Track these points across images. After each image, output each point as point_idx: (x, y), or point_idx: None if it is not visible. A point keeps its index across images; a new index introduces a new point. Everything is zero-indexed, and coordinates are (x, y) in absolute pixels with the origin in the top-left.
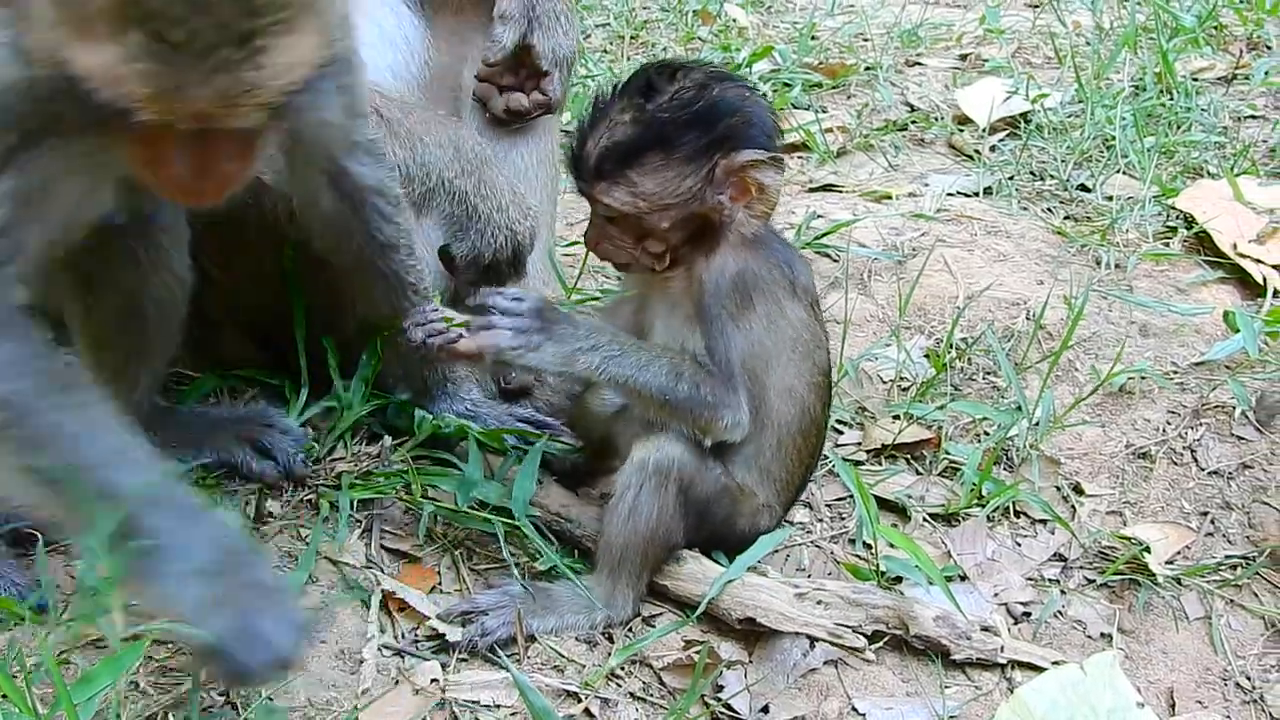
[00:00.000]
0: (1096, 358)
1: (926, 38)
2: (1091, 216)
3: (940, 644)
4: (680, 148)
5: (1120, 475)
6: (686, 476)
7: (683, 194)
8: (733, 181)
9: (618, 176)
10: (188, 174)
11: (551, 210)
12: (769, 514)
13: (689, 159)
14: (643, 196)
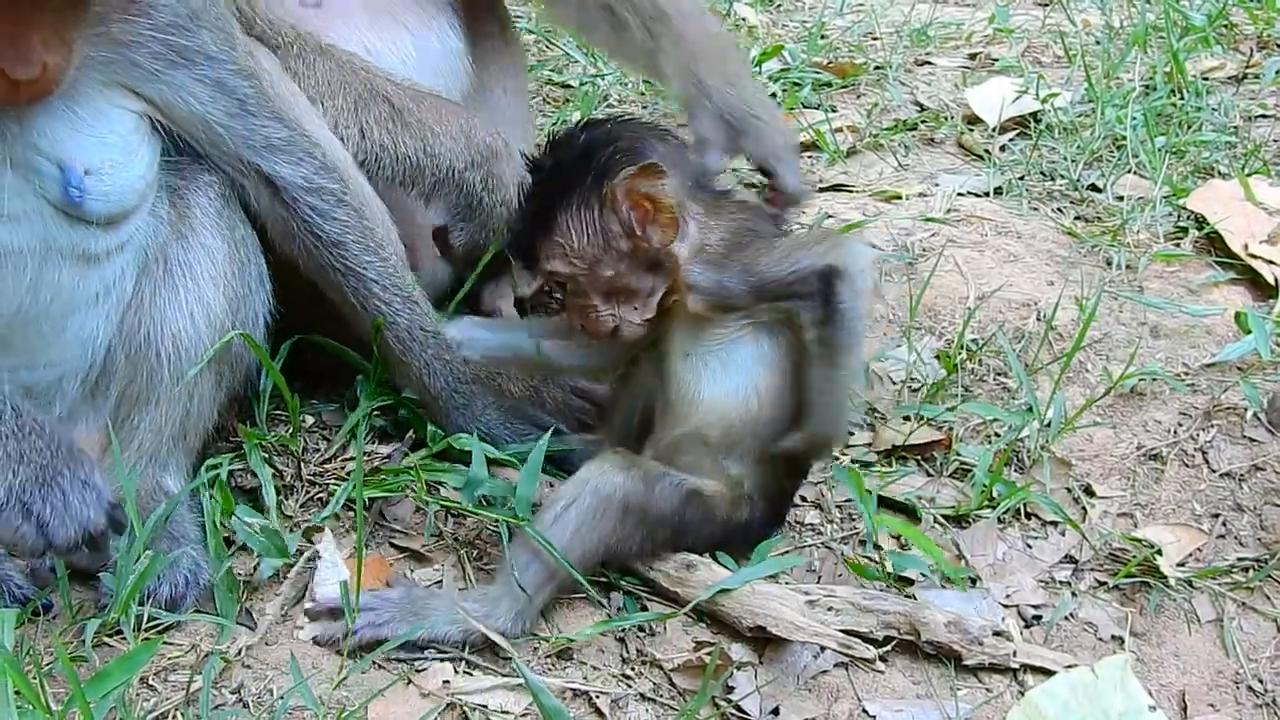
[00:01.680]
0: (1108, 359)
1: (936, 37)
2: (1102, 217)
3: (952, 649)
4: (574, 198)
5: (1131, 477)
6: (635, 504)
7: (603, 237)
8: (628, 206)
9: (547, 246)
10: (11, 55)
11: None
12: (750, 505)
13: (586, 204)
14: (575, 254)
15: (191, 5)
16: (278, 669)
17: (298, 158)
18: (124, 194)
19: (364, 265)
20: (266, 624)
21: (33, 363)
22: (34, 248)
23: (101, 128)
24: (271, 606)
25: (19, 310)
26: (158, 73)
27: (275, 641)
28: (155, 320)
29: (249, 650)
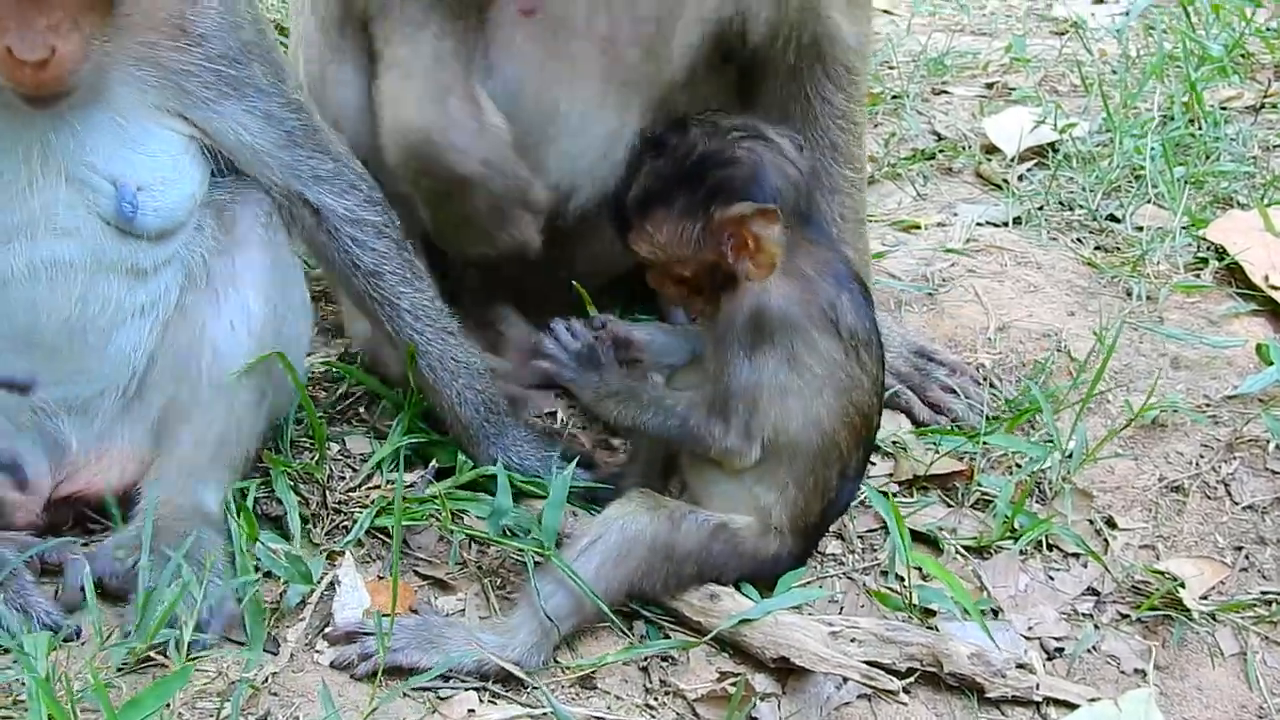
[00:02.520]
0: (1128, 390)
1: (953, 66)
2: (1121, 247)
3: (975, 681)
4: (676, 202)
5: (1153, 509)
6: (661, 543)
7: (690, 245)
8: (730, 234)
9: (638, 228)
10: (16, 33)
11: None
12: (778, 537)
13: (686, 213)
14: (659, 246)
15: (243, 38)
16: (304, 696)
17: (342, 190)
18: (175, 210)
19: (398, 295)
20: (292, 651)
21: (75, 376)
22: (85, 261)
23: (153, 146)
24: (296, 633)
25: (67, 321)
26: (208, 102)
27: (301, 669)
28: (196, 330)
29: (275, 678)
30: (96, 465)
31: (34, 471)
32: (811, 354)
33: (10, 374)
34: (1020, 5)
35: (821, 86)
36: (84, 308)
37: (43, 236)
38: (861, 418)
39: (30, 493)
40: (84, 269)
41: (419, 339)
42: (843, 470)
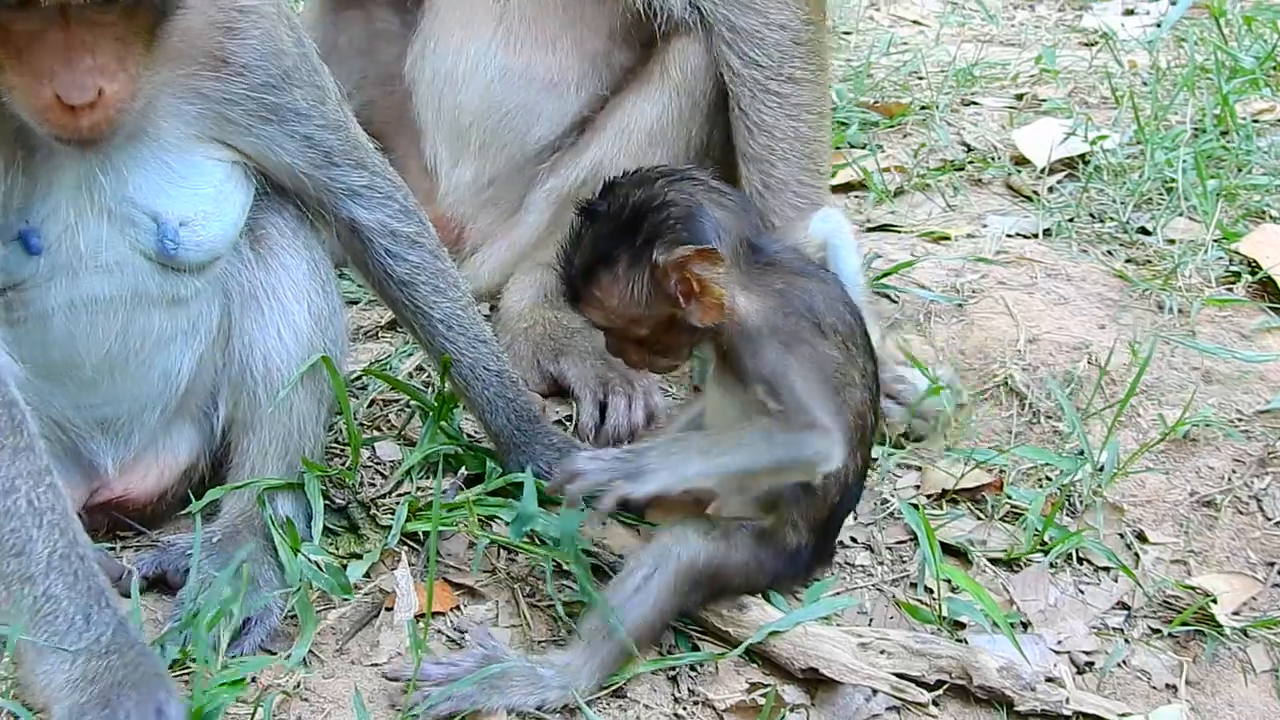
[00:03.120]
0: (1160, 404)
1: (982, 77)
2: (1153, 260)
3: (1005, 695)
4: (618, 260)
5: (1185, 524)
6: (714, 564)
7: (641, 301)
8: (676, 281)
9: (588, 297)
10: (61, 70)
11: None
12: (797, 533)
13: (630, 268)
14: (612, 311)
15: (285, 65)
16: (335, 703)
17: (376, 201)
18: (216, 242)
19: (431, 305)
20: (324, 657)
21: (115, 399)
22: (125, 296)
23: (196, 179)
24: (330, 641)
25: (107, 355)
26: (250, 127)
27: (332, 675)
28: (246, 345)
29: (307, 683)
30: (132, 474)
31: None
32: (817, 355)
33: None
34: (1049, 16)
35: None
36: (124, 340)
37: (84, 274)
38: (856, 416)
39: None
40: (124, 304)
41: (450, 347)
42: (845, 473)
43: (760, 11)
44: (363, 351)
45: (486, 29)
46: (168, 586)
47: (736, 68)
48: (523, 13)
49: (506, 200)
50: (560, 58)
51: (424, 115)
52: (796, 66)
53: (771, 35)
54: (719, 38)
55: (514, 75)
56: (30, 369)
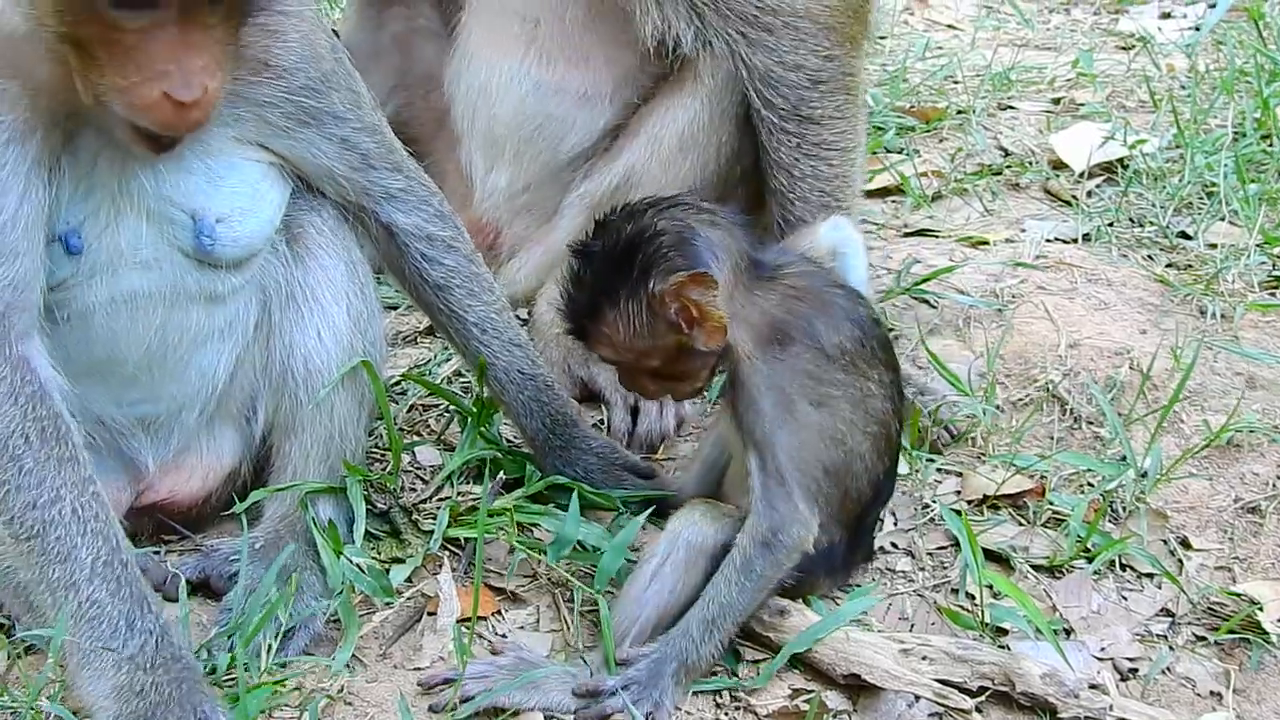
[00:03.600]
0: (1203, 409)
1: (1018, 81)
2: (1194, 265)
3: (1048, 702)
4: (618, 295)
5: (1229, 530)
6: (723, 548)
7: (645, 333)
8: (675, 309)
9: (595, 334)
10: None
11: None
12: (826, 534)
13: (629, 300)
14: (621, 345)
15: (323, 69)
16: (379, 706)
17: (413, 205)
18: (253, 239)
19: (465, 308)
20: (367, 662)
21: (155, 397)
22: (164, 292)
23: (232, 178)
24: (373, 645)
25: (147, 351)
26: (288, 130)
27: (376, 679)
28: (286, 346)
29: (351, 687)
30: (176, 476)
31: (111, 486)
32: (824, 385)
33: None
34: (1085, 20)
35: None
36: (163, 336)
37: (124, 271)
38: (879, 425)
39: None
40: (163, 300)
41: (485, 351)
42: (874, 481)
43: (774, 50)
44: (402, 357)
45: (519, 47)
46: (211, 591)
47: (756, 105)
48: (553, 34)
49: (541, 206)
50: (593, 73)
51: (460, 124)
52: (815, 106)
53: (787, 76)
54: (740, 69)
55: (547, 89)
56: (73, 367)
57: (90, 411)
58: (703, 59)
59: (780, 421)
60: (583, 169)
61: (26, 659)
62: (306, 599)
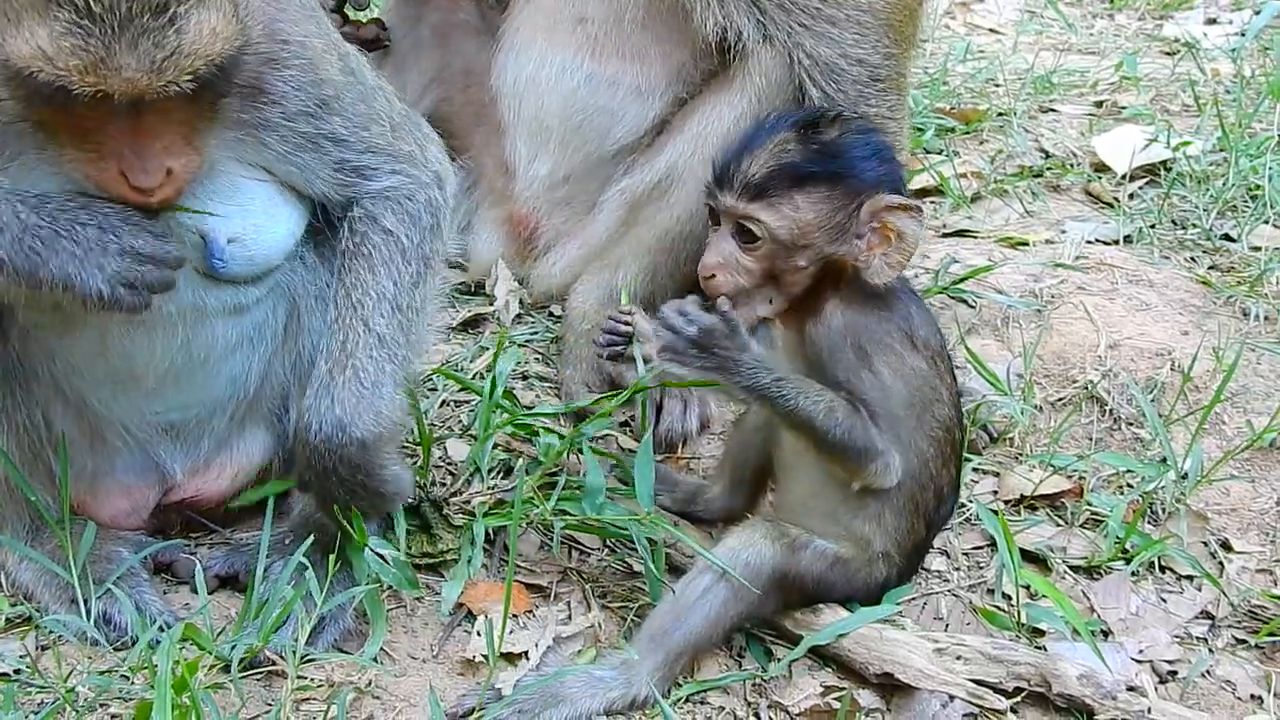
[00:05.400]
0: (1245, 411)
1: (1060, 84)
2: (1237, 267)
3: (1084, 703)
4: (843, 182)
5: (1271, 533)
6: (780, 572)
7: (832, 230)
8: (874, 226)
9: (782, 198)
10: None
11: None
12: (886, 562)
13: (846, 195)
14: (798, 224)
15: (323, 94)
16: (407, 700)
17: (389, 203)
18: (269, 255)
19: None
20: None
21: (183, 406)
22: (184, 311)
23: (242, 198)
24: (401, 639)
25: (170, 367)
26: (286, 155)
27: (404, 673)
28: (314, 346)
29: (379, 681)
30: (205, 476)
31: (137, 485)
32: (905, 369)
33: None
34: (1129, 25)
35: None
36: (188, 352)
37: None
38: (944, 431)
39: (135, 501)
40: (183, 319)
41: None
42: (938, 490)
43: (838, 42)
44: (434, 353)
45: (573, 41)
46: (240, 585)
47: (814, 96)
48: (609, 28)
49: (581, 200)
50: (648, 67)
51: (507, 115)
52: (872, 104)
53: (850, 70)
54: (798, 64)
55: (600, 81)
56: (93, 377)
57: (114, 416)
58: (756, 56)
59: (860, 369)
60: (625, 163)
61: (57, 648)
62: (333, 592)
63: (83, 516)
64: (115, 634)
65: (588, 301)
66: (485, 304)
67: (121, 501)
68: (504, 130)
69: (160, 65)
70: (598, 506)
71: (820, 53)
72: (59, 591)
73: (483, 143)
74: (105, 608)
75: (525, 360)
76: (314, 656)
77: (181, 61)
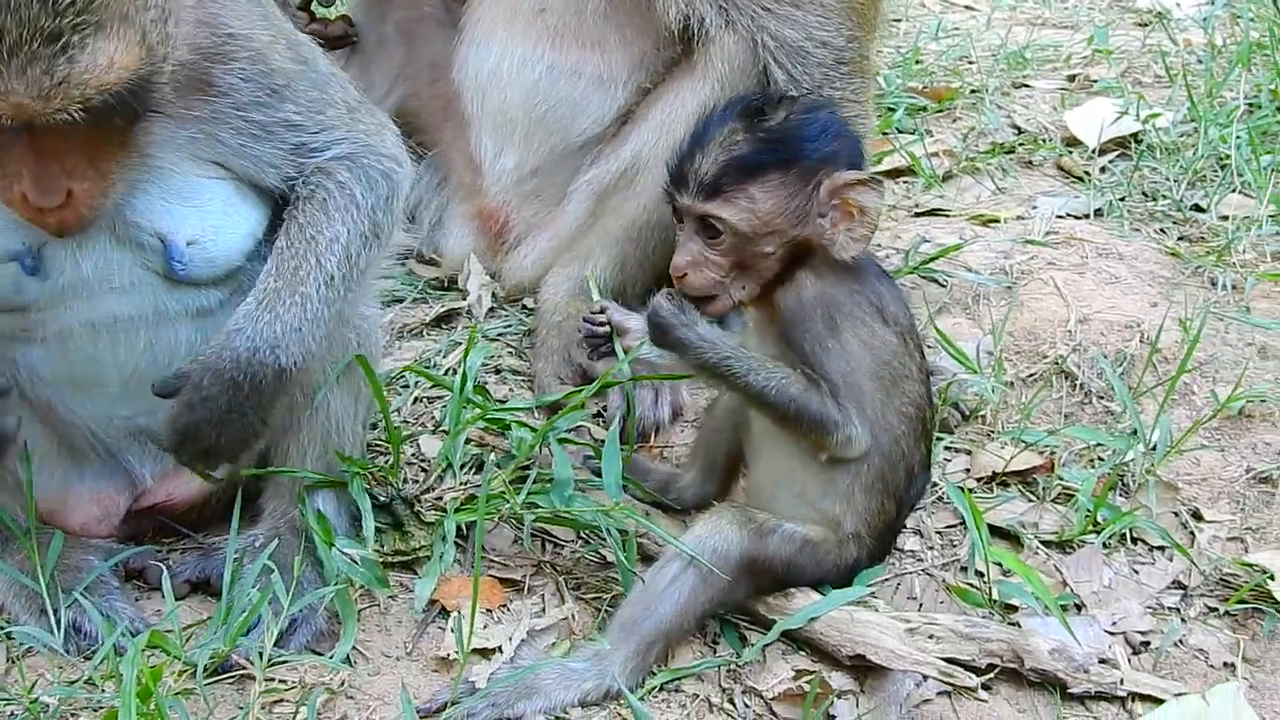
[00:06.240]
0: (1214, 381)
1: (1033, 59)
2: (1206, 237)
3: (1057, 677)
4: (796, 165)
5: (1241, 501)
6: (749, 557)
7: (792, 214)
8: (834, 204)
9: (738, 192)
10: (28, 176)
11: None
12: (857, 543)
13: (801, 177)
14: (757, 214)
15: (274, 84)
16: (381, 699)
17: (345, 167)
18: (230, 256)
19: (317, 233)
20: (368, 655)
21: (150, 410)
22: (146, 315)
23: (201, 198)
24: (375, 639)
25: (134, 371)
26: (242, 147)
27: (378, 673)
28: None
29: (351, 681)
30: (175, 481)
31: (106, 491)
32: (874, 341)
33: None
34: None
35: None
36: (152, 355)
37: (100, 296)
38: (915, 409)
39: (106, 508)
40: (146, 322)
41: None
42: (909, 468)
43: (803, 25)
44: (407, 350)
45: (533, 32)
46: (212, 590)
47: (779, 79)
48: (569, 18)
49: (550, 192)
50: (609, 56)
51: (471, 108)
52: (837, 86)
53: (815, 52)
54: (762, 48)
55: (562, 72)
56: (59, 384)
57: (81, 422)
58: (718, 42)
59: (828, 338)
60: (591, 154)
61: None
62: (303, 593)
63: (52, 526)
64: (86, 643)
65: (558, 293)
66: (458, 299)
67: (92, 509)
68: (470, 124)
69: (48, 93)
70: (566, 499)
71: (785, 35)
72: (28, 602)
73: (451, 137)
74: (75, 617)
75: (498, 354)
76: (285, 658)
77: (71, 91)
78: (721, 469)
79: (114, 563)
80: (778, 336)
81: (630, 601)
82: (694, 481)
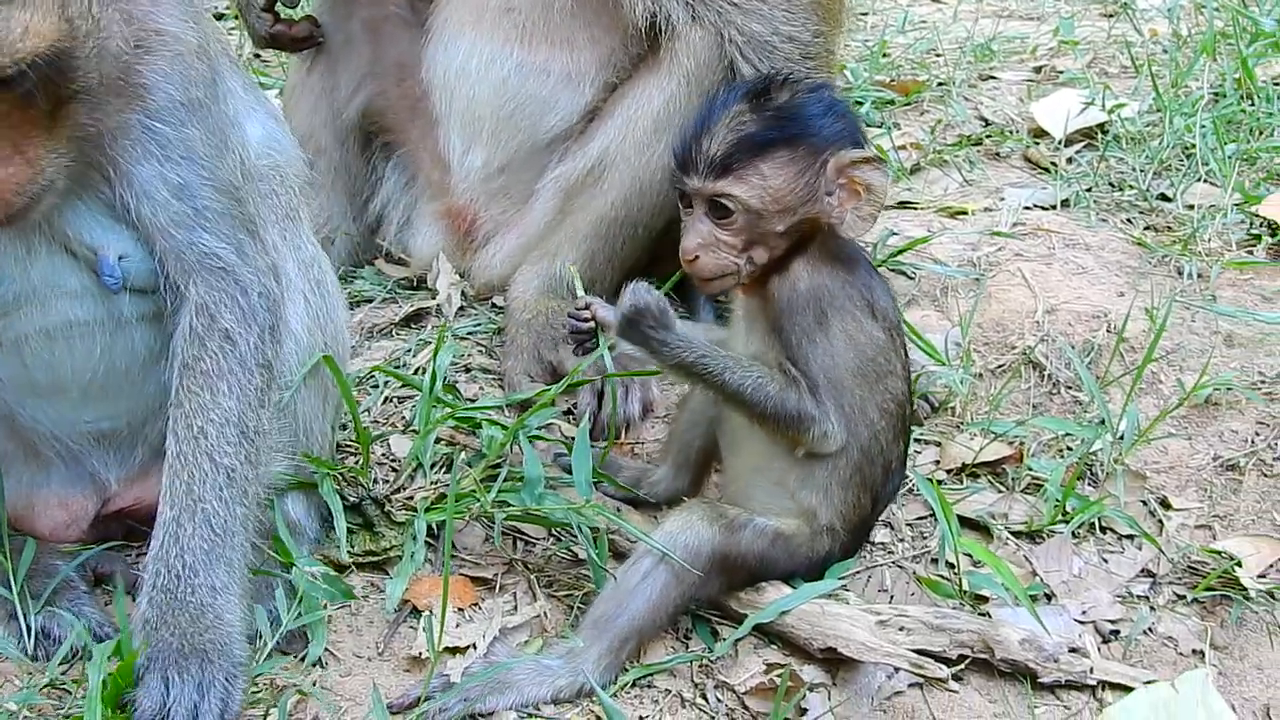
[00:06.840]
0: (1181, 369)
1: (1000, 51)
2: (1172, 226)
3: (1027, 667)
4: (804, 142)
5: (1209, 488)
6: (720, 553)
7: (802, 191)
8: (841, 182)
9: (748, 170)
10: None
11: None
12: (830, 536)
13: (809, 154)
14: (768, 191)
15: (190, 96)
16: (353, 700)
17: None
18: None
19: (191, 398)
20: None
21: (113, 415)
22: (101, 320)
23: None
24: (346, 639)
25: (93, 377)
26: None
27: (349, 673)
28: None
29: (322, 682)
30: (143, 485)
31: (74, 497)
32: (861, 335)
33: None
34: None
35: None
36: (110, 360)
37: (53, 302)
38: (896, 405)
39: (74, 513)
40: (101, 328)
41: (178, 451)
42: (886, 464)
43: (769, 19)
44: (376, 350)
45: (501, 29)
46: None
47: (745, 74)
48: (533, 17)
49: (518, 189)
50: (577, 53)
51: (439, 106)
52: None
53: (782, 46)
54: (729, 42)
55: (529, 70)
56: (19, 390)
57: (44, 428)
58: (685, 38)
59: (815, 332)
60: (559, 151)
61: None
62: (271, 598)
63: (21, 532)
64: (55, 649)
65: (528, 291)
66: (428, 298)
67: (60, 514)
68: (437, 123)
69: None
70: (537, 496)
71: (751, 29)
72: None
73: (419, 136)
74: (45, 623)
75: (468, 353)
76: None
77: None
78: (694, 464)
79: (78, 564)
80: (767, 326)
81: (602, 599)
82: (666, 477)
